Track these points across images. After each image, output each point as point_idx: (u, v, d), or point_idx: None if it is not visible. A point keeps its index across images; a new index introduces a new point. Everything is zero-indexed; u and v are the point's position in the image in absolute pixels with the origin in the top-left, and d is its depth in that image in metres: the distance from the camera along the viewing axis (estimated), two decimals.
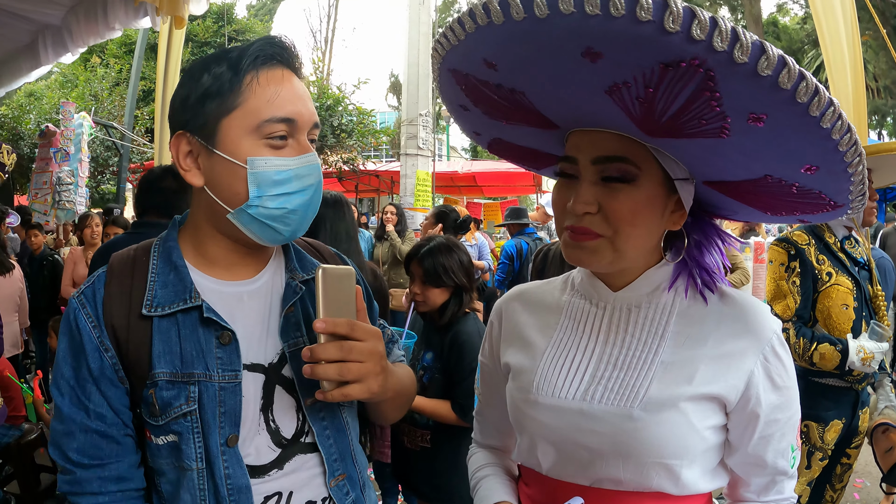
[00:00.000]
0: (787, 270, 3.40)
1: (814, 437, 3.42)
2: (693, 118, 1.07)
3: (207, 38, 24.68)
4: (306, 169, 1.38)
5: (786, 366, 1.37)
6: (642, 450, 1.32)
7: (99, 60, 22.48)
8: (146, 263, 1.44)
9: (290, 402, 1.45)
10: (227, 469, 1.35)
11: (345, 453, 1.53)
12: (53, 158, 10.97)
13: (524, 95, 1.23)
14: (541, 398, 1.44)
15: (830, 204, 1.25)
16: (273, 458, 1.42)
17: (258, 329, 1.45)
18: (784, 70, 0.92)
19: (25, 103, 19.34)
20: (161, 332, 1.37)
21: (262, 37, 1.43)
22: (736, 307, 1.40)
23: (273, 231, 1.38)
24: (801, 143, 1.06)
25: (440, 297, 3.29)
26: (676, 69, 0.96)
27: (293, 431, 1.45)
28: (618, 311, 1.44)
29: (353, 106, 16.96)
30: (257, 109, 1.33)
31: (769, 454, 1.39)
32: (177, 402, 1.34)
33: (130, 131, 13.27)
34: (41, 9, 7.45)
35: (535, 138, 1.44)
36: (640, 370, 1.37)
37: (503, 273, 7.70)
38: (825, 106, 0.97)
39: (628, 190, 1.27)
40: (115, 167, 17.27)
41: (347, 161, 16.90)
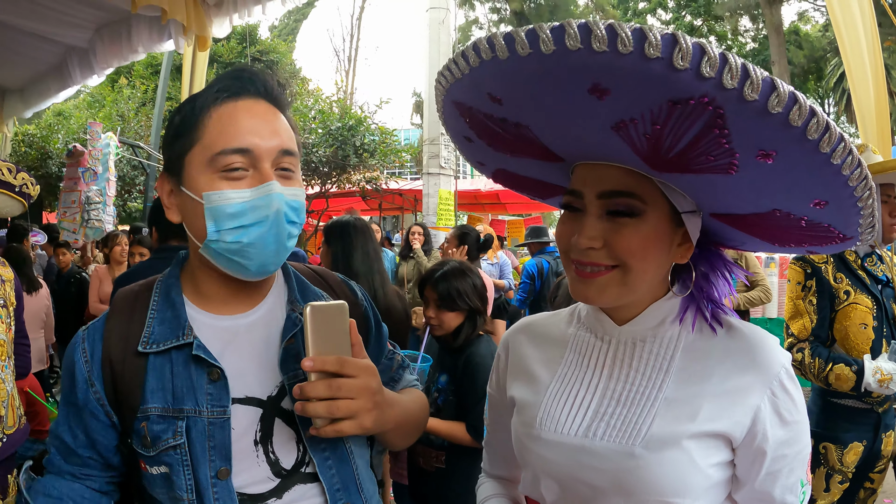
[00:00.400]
0: (803, 290, 3.35)
1: (832, 459, 3.34)
2: (701, 154, 1.06)
3: (232, 59, 24.93)
4: (263, 199, 1.34)
5: (794, 400, 1.32)
6: (643, 488, 1.29)
7: (126, 81, 22.76)
8: (148, 300, 1.47)
9: (289, 434, 1.45)
10: (217, 502, 1.36)
11: (348, 482, 1.51)
12: (82, 178, 11.07)
13: (529, 130, 1.22)
14: (543, 433, 1.42)
15: (839, 237, 1.23)
16: (271, 488, 1.42)
17: (254, 363, 1.45)
18: (795, 107, 0.90)
19: (54, 123, 19.64)
20: (155, 369, 1.40)
21: (229, 70, 1.45)
22: (743, 341, 1.36)
23: (238, 265, 1.38)
24: (811, 178, 1.04)
25: (454, 321, 3.30)
26: (685, 106, 0.95)
27: (293, 462, 1.45)
28: (622, 345, 1.42)
29: (375, 125, 17.04)
30: (212, 143, 1.34)
31: (777, 490, 1.34)
32: (165, 435, 1.36)
33: (156, 151, 13.40)
34: (68, 31, 7.61)
35: (540, 170, 1.43)
36: (642, 406, 1.34)
37: (525, 293, 7.67)
38: (836, 142, 0.95)
39: (634, 224, 1.25)
40: (141, 186, 17.46)
41: (370, 180, 16.98)
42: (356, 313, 1.62)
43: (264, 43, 28.00)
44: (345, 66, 37.48)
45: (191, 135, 1.36)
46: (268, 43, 28.35)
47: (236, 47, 25.06)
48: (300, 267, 1.68)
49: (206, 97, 1.38)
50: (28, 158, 17.86)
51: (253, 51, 25.65)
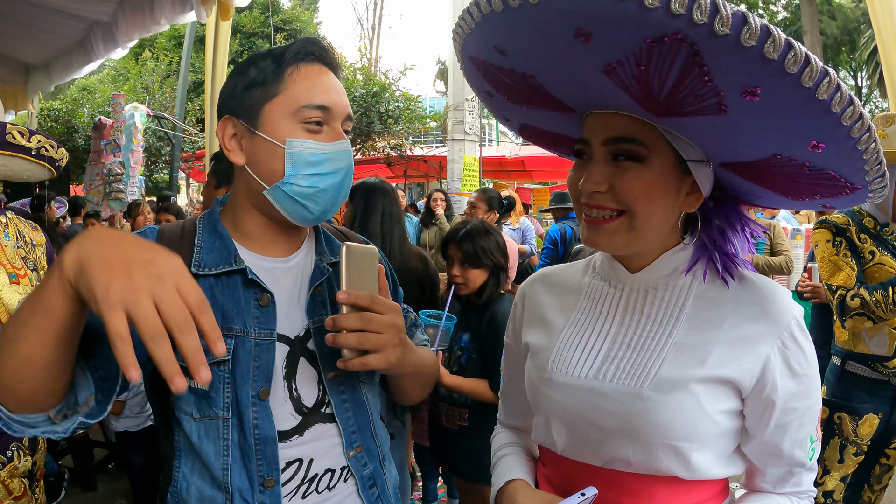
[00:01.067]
0: (834, 245, 3.32)
1: (846, 430, 3.33)
2: (689, 94, 1.08)
3: (255, 29, 24.86)
4: (339, 154, 1.49)
5: (805, 353, 1.34)
6: (650, 430, 1.32)
7: (150, 54, 22.81)
8: (193, 233, 1.56)
9: (312, 373, 1.54)
10: (256, 419, 1.44)
11: (363, 426, 1.60)
12: (104, 150, 11.19)
13: (535, 79, 1.27)
14: (555, 376, 1.46)
15: (848, 186, 1.23)
16: (294, 425, 1.50)
17: (287, 304, 1.54)
18: (769, 40, 0.91)
19: (79, 97, 19.74)
20: (206, 290, 1.47)
21: (303, 37, 1.56)
22: (755, 291, 1.39)
23: (304, 209, 1.49)
24: (802, 117, 1.05)
25: (479, 278, 3.37)
26: (661, 45, 0.98)
27: (314, 401, 1.53)
28: (635, 292, 1.46)
29: (399, 92, 16.99)
30: (297, 96, 1.46)
31: (786, 443, 1.37)
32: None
33: (182, 122, 13.49)
34: (91, 6, 7.62)
35: (557, 122, 1.47)
36: (652, 350, 1.37)
37: (547, 258, 7.65)
38: (819, 76, 0.95)
39: (638, 168, 1.29)
40: (167, 157, 17.58)
41: (395, 147, 16.96)
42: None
43: (287, 12, 27.90)
44: (368, 34, 37.33)
45: (274, 86, 1.48)
46: (291, 12, 28.23)
47: (259, 17, 24.97)
48: (327, 225, 1.77)
49: (293, 55, 1.50)
50: (55, 133, 18.01)
51: (276, 20, 25.57)
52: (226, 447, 1.44)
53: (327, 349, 1.51)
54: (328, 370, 1.54)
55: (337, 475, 1.55)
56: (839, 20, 33.78)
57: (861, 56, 33.64)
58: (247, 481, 1.43)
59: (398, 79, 17.61)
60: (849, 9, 34.00)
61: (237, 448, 1.44)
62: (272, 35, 23.42)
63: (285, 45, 1.54)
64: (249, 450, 1.43)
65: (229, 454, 1.44)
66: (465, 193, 13.37)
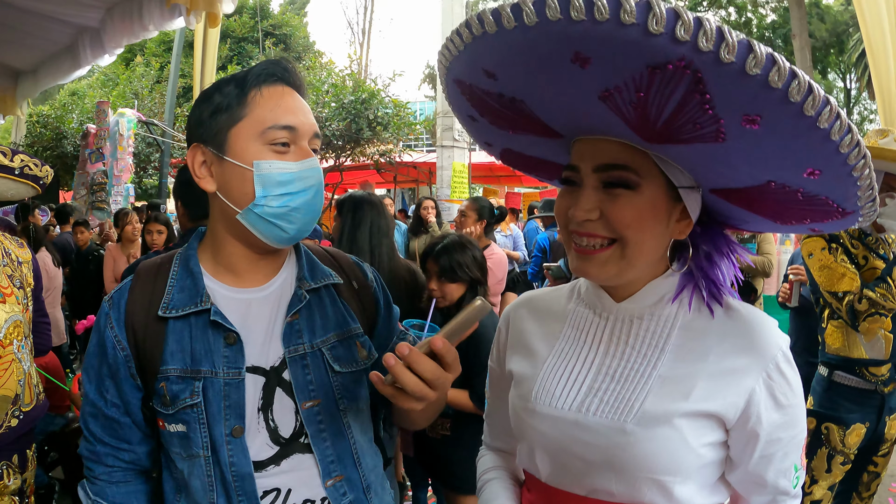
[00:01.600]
0: (831, 251, 3.32)
1: (834, 439, 3.35)
2: (687, 122, 1.07)
3: (244, 34, 24.89)
4: (308, 172, 1.50)
5: (791, 384, 1.33)
6: (634, 465, 1.31)
7: (141, 59, 22.79)
8: (168, 270, 1.58)
9: (289, 404, 1.54)
10: (231, 457, 1.46)
11: (343, 455, 1.59)
12: (89, 159, 11.16)
13: (524, 104, 1.24)
14: (539, 407, 1.44)
15: (839, 211, 1.22)
16: (271, 455, 1.51)
17: (262, 334, 1.55)
18: (774, 68, 0.91)
19: (68, 103, 19.72)
20: (175, 333, 1.51)
21: (265, 60, 1.58)
22: (741, 322, 1.37)
23: (278, 229, 1.49)
24: (801, 145, 1.04)
25: (457, 292, 3.39)
26: (664, 72, 0.96)
27: (291, 431, 1.54)
28: (620, 321, 1.43)
29: (388, 98, 16.99)
30: (262, 118, 1.47)
31: (770, 473, 1.36)
32: (183, 394, 1.47)
33: (171, 127, 13.45)
34: (80, 12, 7.61)
35: (542, 148, 1.45)
36: (636, 383, 1.35)
37: (536, 266, 7.65)
38: (821, 105, 0.95)
39: (629, 196, 1.26)
40: (156, 162, 17.53)
41: (384, 153, 16.96)
42: (366, 294, 1.75)
43: (277, 17, 27.92)
44: (359, 38, 37.36)
45: (239, 110, 1.49)
46: (280, 17, 28.25)
47: (248, 22, 25.04)
48: (313, 247, 1.76)
49: (255, 79, 1.51)
50: (43, 139, 17.99)
51: (265, 25, 25.59)
52: (210, 484, 1.48)
53: (302, 379, 1.54)
54: (303, 400, 1.54)
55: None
56: (828, 23, 33.91)
57: (850, 58, 33.77)
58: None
59: (387, 85, 17.64)
60: (837, 11, 34.15)
61: (220, 484, 1.47)
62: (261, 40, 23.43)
63: (247, 68, 1.57)
64: (229, 486, 1.46)
65: (214, 489, 1.48)
66: (454, 200, 13.39)
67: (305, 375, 1.55)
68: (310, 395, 1.54)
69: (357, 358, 1.64)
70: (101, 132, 11.25)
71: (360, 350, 1.65)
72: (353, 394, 1.63)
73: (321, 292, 1.64)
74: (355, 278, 1.75)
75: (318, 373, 1.57)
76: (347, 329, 1.65)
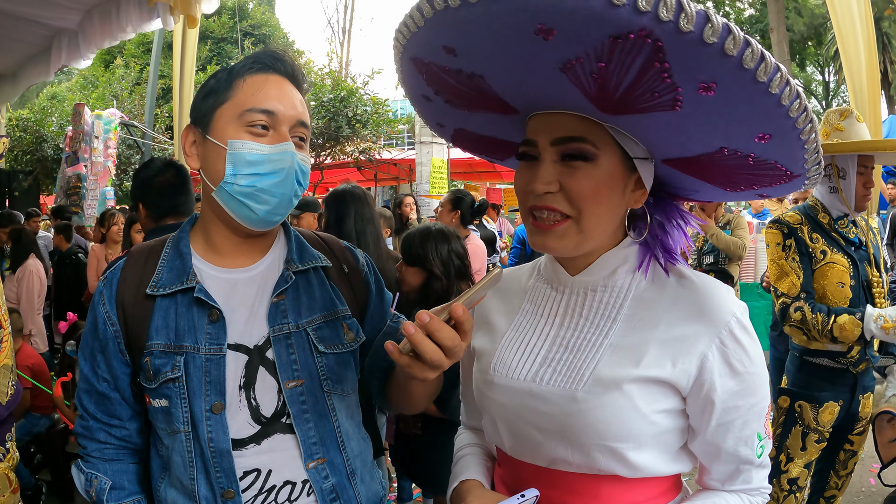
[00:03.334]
0: (784, 249, 3.36)
1: (807, 417, 3.38)
2: (646, 91, 1.10)
3: (223, 35, 24.79)
4: (279, 155, 1.52)
5: (747, 351, 1.33)
6: (585, 432, 1.33)
7: (121, 61, 22.67)
8: (160, 252, 1.64)
9: (272, 383, 1.55)
10: (210, 433, 1.49)
11: (326, 438, 1.60)
12: (66, 163, 11.10)
13: (483, 79, 1.26)
14: (496, 378, 1.48)
15: (787, 174, 1.27)
16: (251, 434, 1.53)
17: (246, 313, 1.58)
18: (729, 37, 0.95)
19: (48, 106, 19.62)
20: (161, 310, 1.56)
21: (265, 48, 1.65)
22: (693, 290, 1.39)
23: (247, 209, 1.53)
24: (753, 110, 1.09)
25: (414, 278, 3.36)
26: (626, 41, 0.99)
27: (273, 411, 1.55)
28: (575, 294, 1.46)
29: (367, 96, 16.99)
30: (242, 101, 1.53)
31: (729, 441, 1.36)
32: (165, 368, 1.51)
33: (151, 129, 13.41)
34: (59, 14, 7.60)
35: (496, 126, 1.49)
36: (588, 352, 1.38)
37: (515, 257, 7.69)
38: (772, 71, 1.00)
39: (587, 168, 1.29)
40: (137, 164, 17.46)
41: (364, 151, 16.97)
42: (357, 278, 1.78)
43: (256, 17, 27.82)
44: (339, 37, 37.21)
45: (224, 93, 1.56)
46: (260, 17, 28.15)
47: (227, 22, 24.91)
48: (305, 232, 1.80)
49: (243, 66, 1.59)
50: (23, 143, 17.90)
51: (244, 25, 25.50)
52: (190, 459, 1.51)
53: (286, 358, 1.57)
54: (287, 379, 1.56)
55: (298, 489, 1.56)
56: (805, 16, 33.93)
57: (828, 52, 33.84)
58: (210, 492, 1.50)
59: (366, 83, 17.62)
60: (815, 5, 34.07)
61: (200, 459, 1.51)
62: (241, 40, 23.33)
63: (246, 56, 1.63)
64: (208, 462, 1.50)
65: (194, 465, 1.51)
66: (434, 196, 13.41)
67: (289, 355, 1.57)
68: (293, 375, 1.56)
69: (343, 340, 1.65)
70: (76, 135, 11.19)
71: (347, 332, 1.66)
72: (339, 376, 1.63)
73: (309, 274, 1.67)
74: (346, 262, 1.78)
75: (302, 352, 1.58)
76: (334, 311, 1.67)
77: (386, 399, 1.75)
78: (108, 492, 1.58)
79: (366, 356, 1.74)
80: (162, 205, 3.44)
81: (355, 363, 1.71)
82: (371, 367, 1.73)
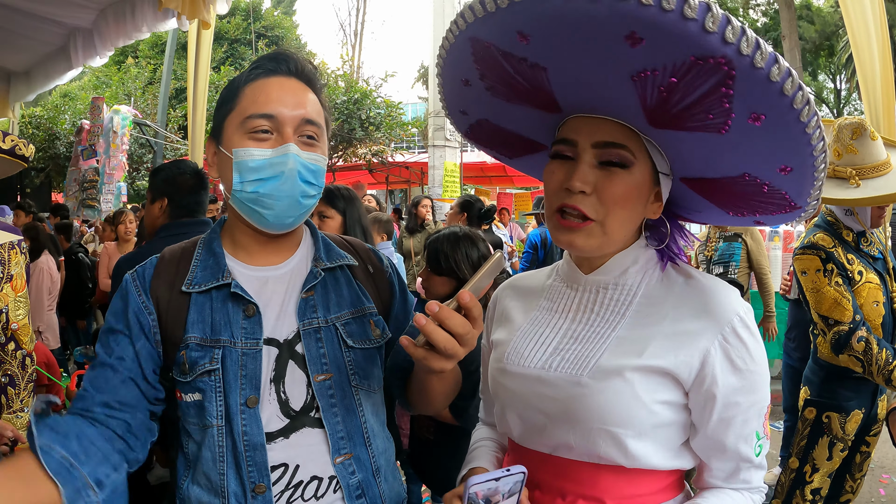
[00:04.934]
0: (826, 274, 3.28)
1: (835, 428, 3.37)
2: (702, 111, 1.18)
3: (237, 36, 24.87)
4: (280, 158, 1.52)
5: (749, 349, 1.38)
6: (588, 416, 1.39)
7: (133, 61, 22.77)
8: (192, 254, 1.67)
9: (301, 376, 1.58)
10: (244, 426, 1.51)
11: (354, 433, 1.61)
12: (81, 156, 11.13)
13: (545, 72, 1.29)
14: (509, 366, 1.55)
15: (790, 205, 1.36)
16: (280, 427, 1.54)
17: (277, 308, 1.61)
18: (789, 79, 1.06)
19: (60, 104, 19.70)
20: (197, 305, 1.58)
21: (270, 52, 1.64)
22: (699, 289, 1.46)
23: (258, 214, 1.56)
24: (785, 144, 1.19)
25: (441, 287, 3.19)
26: (705, 64, 1.07)
27: (302, 404, 1.57)
28: (588, 291, 1.54)
29: (380, 99, 17.03)
30: (245, 108, 1.55)
31: (730, 438, 1.40)
32: (202, 361, 1.53)
33: (164, 129, 13.46)
34: (73, 13, 7.62)
35: (527, 122, 1.53)
36: (595, 343, 1.45)
37: (527, 262, 7.69)
38: (812, 114, 1.11)
39: (623, 174, 1.36)
40: (149, 164, 17.57)
41: (376, 153, 17.01)
42: (381, 278, 1.81)
43: (269, 19, 27.92)
44: (351, 40, 37.35)
45: (230, 104, 1.59)
46: (273, 18, 28.25)
47: (241, 24, 24.99)
48: (330, 234, 1.83)
49: (247, 74, 1.61)
50: (35, 140, 17.94)
51: (258, 27, 25.59)
52: (221, 454, 1.52)
53: (315, 352, 1.58)
54: (316, 373, 1.57)
55: (325, 484, 1.57)
56: (818, 24, 33.98)
57: (840, 60, 33.77)
58: (240, 487, 1.50)
59: (379, 85, 17.67)
60: (827, 13, 34.18)
61: (231, 454, 1.51)
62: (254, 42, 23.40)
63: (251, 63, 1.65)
64: (240, 456, 1.50)
65: (225, 460, 1.51)
66: (446, 199, 13.43)
67: (319, 349, 1.59)
68: (322, 369, 1.58)
69: (370, 336, 1.68)
70: (94, 128, 11.23)
71: (374, 329, 1.69)
72: (366, 372, 1.66)
73: (336, 272, 1.70)
74: (370, 263, 1.81)
75: (331, 347, 1.61)
76: (361, 307, 1.69)
77: (406, 399, 1.75)
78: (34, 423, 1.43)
79: (389, 356, 1.75)
80: (185, 204, 3.54)
81: (381, 360, 1.74)
82: (392, 367, 1.73)
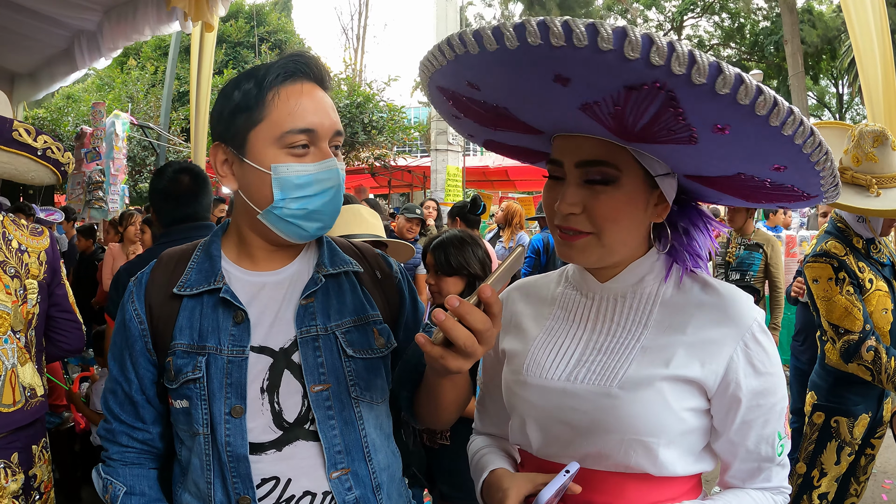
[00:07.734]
0: (837, 283, 3.27)
1: (844, 432, 3.38)
2: (663, 129, 1.16)
3: (240, 39, 24.88)
4: (325, 174, 1.50)
5: (768, 353, 1.41)
6: (619, 426, 1.39)
7: (135, 63, 22.78)
8: (190, 256, 1.64)
9: (296, 387, 1.52)
10: (228, 437, 1.46)
11: (352, 447, 1.55)
12: (85, 159, 11.14)
13: (507, 110, 1.34)
14: (529, 379, 1.53)
15: (805, 195, 1.35)
16: (272, 439, 1.50)
17: (272, 315, 1.56)
18: (742, 87, 0.98)
19: (64, 106, 19.73)
20: (187, 310, 1.55)
21: (286, 54, 1.57)
22: (717, 297, 1.46)
23: (299, 228, 1.52)
24: (767, 147, 1.14)
25: (453, 286, 3.26)
26: (640, 91, 1.04)
27: (296, 416, 1.51)
28: (605, 300, 1.53)
29: (383, 103, 17.04)
30: (279, 121, 1.47)
31: (751, 439, 1.43)
32: (186, 368, 1.50)
33: (166, 131, 13.46)
34: (78, 14, 7.61)
35: (525, 140, 1.54)
36: (620, 354, 1.44)
37: (530, 267, 7.66)
38: (784, 115, 1.04)
39: (610, 191, 1.35)
40: (152, 166, 17.57)
41: (378, 157, 17.01)
42: (390, 285, 1.77)
43: (272, 22, 27.92)
44: (353, 44, 37.32)
45: (258, 112, 1.49)
46: (277, 23, 28.26)
47: (244, 27, 25.01)
48: (338, 240, 1.78)
49: (274, 76, 1.50)
50: None
51: (261, 31, 25.60)
52: (208, 463, 1.49)
53: (313, 361, 1.53)
54: (313, 383, 1.52)
55: (318, 500, 1.51)
56: (819, 29, 33.93)
57: (842, 64, 33.72)
58: (226, 497, 1.48)
59: (382, 89, 17.67)
60: (829, 18, 34.15)
61: (216, 463, 1.49)
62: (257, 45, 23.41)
63: (268, 63, 1.54)
64: (224, 466, 1.47)
65: (211, 469, 1.49)
66: (449, 203, 13.43)
67: (316, 358, 1.54)
68: (319, 379, 1.52)
69: (373, 345, 1.61)
70: (97, 132, 11.26)
71: (378, 338, 1.63)
72: (368, 382, 1.59)
73: (341, 278, 1.64)
74: (379, 269, 1.76)
75: (329, 356, 1.55)
76: (365, 315, 1.63)
77: (414, 412, 1.69)
78: (121, 498, 1.55)
79: (396, 366, 1.70)
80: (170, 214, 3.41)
81: (386, 371, 1.66)
82: (401, 377, 1.69)
